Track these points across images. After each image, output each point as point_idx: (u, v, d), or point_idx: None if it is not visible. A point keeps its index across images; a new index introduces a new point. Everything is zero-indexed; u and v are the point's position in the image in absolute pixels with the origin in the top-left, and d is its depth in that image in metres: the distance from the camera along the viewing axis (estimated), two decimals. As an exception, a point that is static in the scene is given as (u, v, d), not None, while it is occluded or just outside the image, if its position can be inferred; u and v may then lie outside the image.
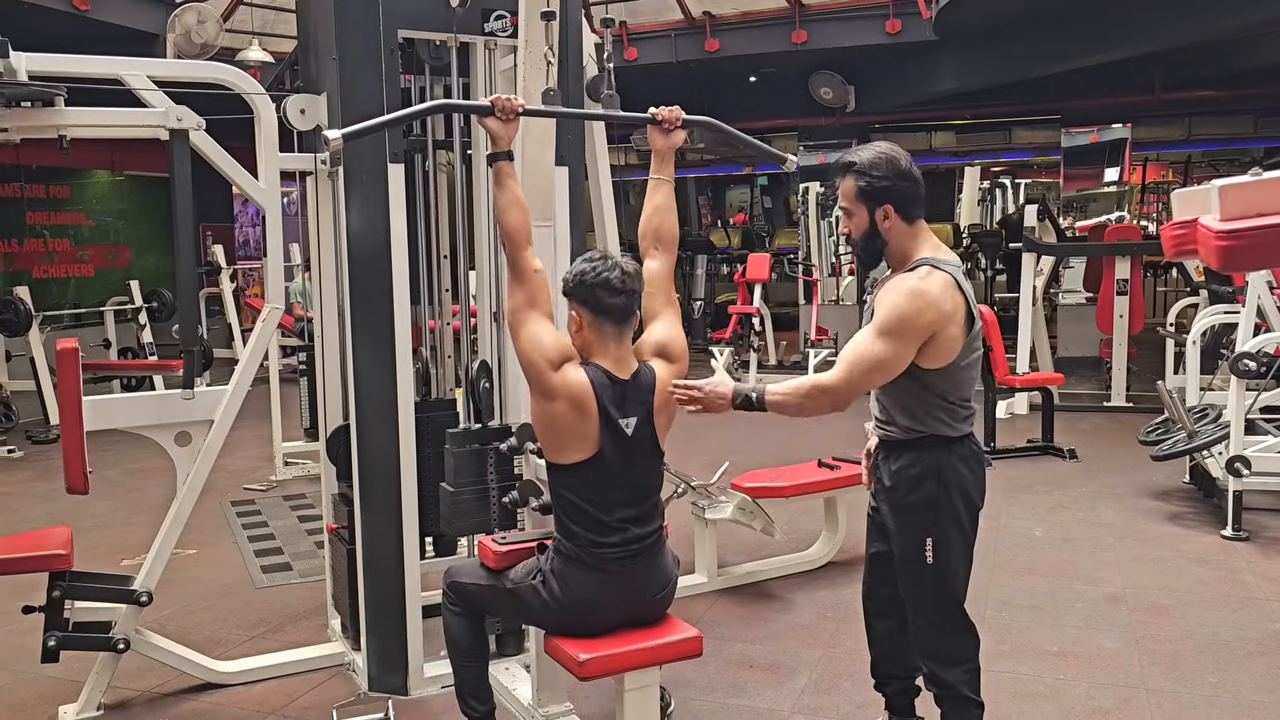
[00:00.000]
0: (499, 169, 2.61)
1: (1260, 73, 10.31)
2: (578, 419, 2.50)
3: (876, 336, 2.47)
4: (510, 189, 2.61)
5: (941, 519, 2.56)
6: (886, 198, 2.54)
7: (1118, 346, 8.49)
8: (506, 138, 2.61)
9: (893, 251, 2.59)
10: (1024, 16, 8.63)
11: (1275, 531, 5.13)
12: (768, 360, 10.93)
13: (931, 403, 2.54)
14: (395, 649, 3.51)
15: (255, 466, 6.94)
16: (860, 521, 5.09)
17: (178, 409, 3.43)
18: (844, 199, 2.61)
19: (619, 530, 2.57)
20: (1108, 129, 11.96)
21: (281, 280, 3.56)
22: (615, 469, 2.55)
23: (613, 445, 2.53)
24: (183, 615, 4.32)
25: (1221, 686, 3.44)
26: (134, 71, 3.31)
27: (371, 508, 3.49)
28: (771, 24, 10.06)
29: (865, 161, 2.55)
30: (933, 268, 2.50)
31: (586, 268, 2.55)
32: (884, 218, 2.55)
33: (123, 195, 13.16)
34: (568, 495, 2.58)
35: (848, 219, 2.62)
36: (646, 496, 2.64)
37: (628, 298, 2.55)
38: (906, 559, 2.63)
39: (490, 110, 2.59)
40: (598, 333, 2.56)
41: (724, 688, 3.52)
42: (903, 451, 2.60)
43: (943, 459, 2.55)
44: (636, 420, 2.55)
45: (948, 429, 2.56)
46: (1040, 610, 4.14)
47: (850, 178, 2.57)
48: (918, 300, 2.44)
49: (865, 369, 2.47)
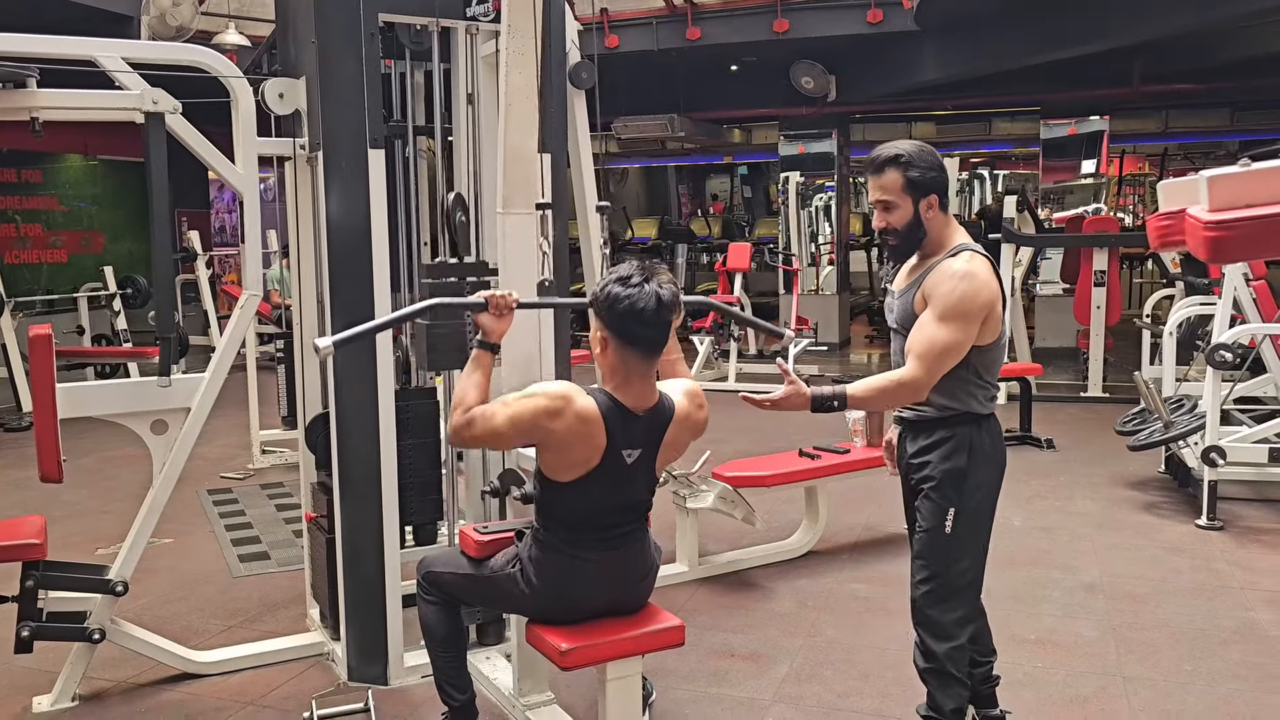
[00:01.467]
0: (478, 357, 2.52)
1: (1237, 66, 10.39)
2: (588, 449, 2.41)
3: (941, 323, 2.52)
4: (478, 380, 2.47)
5: (966, 492, 2.61)
6: (932, 188, 2.61)
7: (1094, 337, 8.55)
8: (498, 333, 2.55)
9: (930, 240, 2.65)
10: (1005, 8, 8.65)
11: (1249, 521, 5.18)
12: (747, 349, 10.94)
13: (970, 381, 2.60)
14: (375, 638, 3.49)
15: (232, 455, 6.89)
16: (840, 511, 5.16)
17: (154, 396, 3.39)
18: (886, 192, 2.62)
19: (602, 530, 2.55)
20: (1085, 121, 12.02)
21: (259, 267, 3.51)
22: (607, 493, 2.50)
23: (609, 472, 2.46)
24: (159, 605, 4.28)
25: (1197, 674, 3.48)
26: (108, 53, 3.25)
27: (351, 496, 3.46)
28: (753, 13, 10.03)
29: (911, 154, 2.60)
30: (973, 252, 2.59)
31: (619, 292, 2.35)
32: (928, 208, 2.61)
33: (96, 180, 12.99)
34: (553, 502, 2.54)
35: (887, 212, 2.64)
36: (636, 504, 2.61)
37: (660, 330, 2.39)
38: (928, 529, 2.66)
39: (484, 307, 2.54)
40: (622, 360, 2.42)
41: (705, 677, 3.52)
42: (936, 428, 2.65)
43: (974, 435, 2.62)
44: (640, 452, 2.48)
45: (980, 406, 2.63)
46: (1019, 599, 4.17)
47: (896, 170, 2.60)
48: (974, 282, 2.52)
49: (939, 355, 2.51)
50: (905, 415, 2.75)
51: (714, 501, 4.49)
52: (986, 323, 2.56)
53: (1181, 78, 10.85)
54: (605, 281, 2.42)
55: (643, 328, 2.37)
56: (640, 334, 2.38)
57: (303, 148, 3.54)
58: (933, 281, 2.57)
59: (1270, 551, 4.72)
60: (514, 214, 3.09)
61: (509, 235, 3.09)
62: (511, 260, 3.08)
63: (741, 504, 4.53)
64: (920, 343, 2.54)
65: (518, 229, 3.10)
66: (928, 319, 2.55)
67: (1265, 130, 13.91)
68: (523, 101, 3.03)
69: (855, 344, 12.72)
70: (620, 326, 2.38)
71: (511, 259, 3.09)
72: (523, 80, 3.02)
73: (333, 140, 3.32)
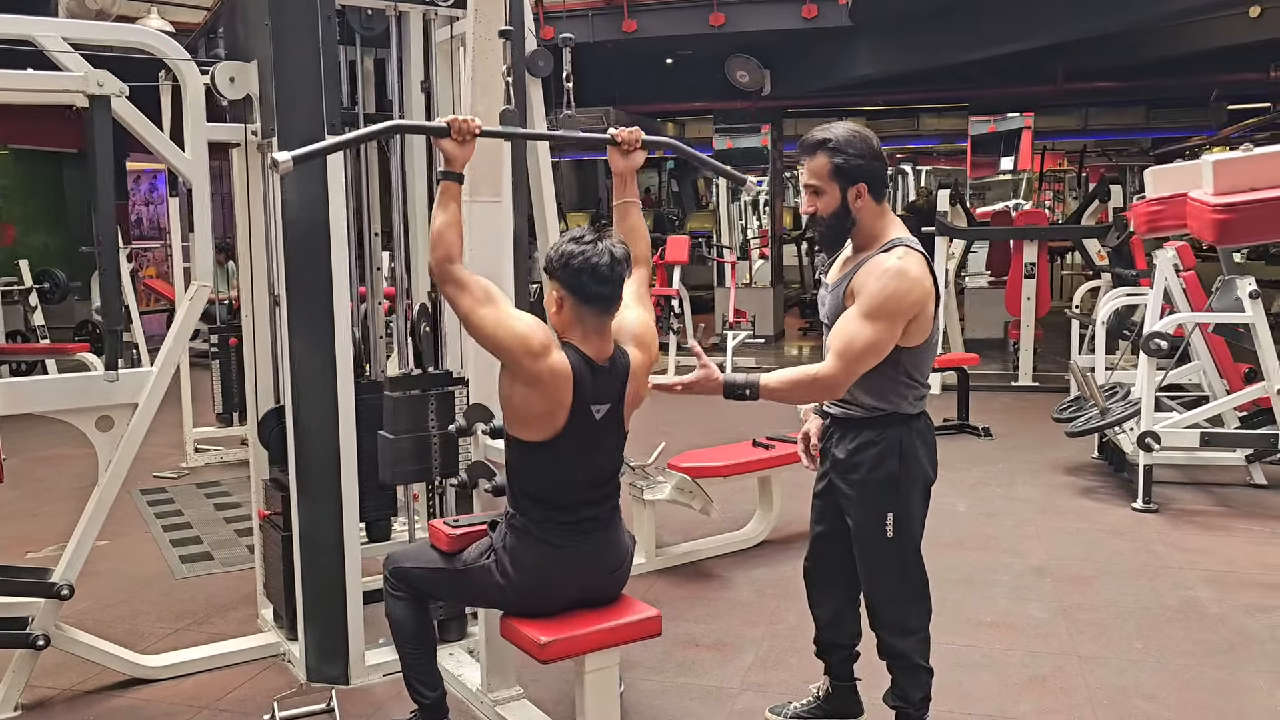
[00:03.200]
0: (447, 189, 2.49)
1: (1154, 65, 10.76)
2: (552, 403, 2.42)
3: (865, 320, 2.46)
4: (453, 210, 2.46)
5: (902, 493, 2.60)
6: (861, 176, 2.52)
7: (1025, 328, 8.76)
8: (461, 159, 2.51)
9: (860, 231, 2.58)
10: (938, 5, 8.82)
11: (1182, 503, 5.37)
12: (685, 342, 10.95)
13: (899, 381, 2.56)
14: (335, 637, 3.40)
15: (164, 453, 6.67)
16: (793, 500, 5.20)
17: (100, 392, 3.24)
18: (814, 176, 2.55)
19: (574, 509, 2.54)
20: (1004, 118, 12.33)
21: (210, 257, 3.39)
22: (578, 451, 2.50)
23: (579, 429, 2.47)
24: (100, 609, 4.12)
25: (1147, 652, 3.58)
26: (48, 32, 3.10)
27: (309, 492, 3.37)
28: (689, 6, 10.07)
29: (840, 139, 2.51)
30: (908, 248, 2.51)
31: (574, 249, 2.41)
32: (856, 197, 2.53)
33: (6, 170, 12.48)
34: (525, 471, 2.53)
35: (815, 197, 2.57)
36: (607, 479, 2.61)
37: (614, 286, 2.43)
38: (867, 535, 2.66)
39: (446, 131, 2.49)
40: (577, 316, 2.45)
41: (672, 667, 3.52)
42: (863, 428, 2.62)
43: (904, 435, 2.59)
44: (608, 407, 2.49)
45: (910, 406, 2.59)
46: (971, 583, 4.25)
47: (823, 155, 2.53)
48: (903, 280, 2.45)
49: (859, 354, 2.46)
50: (833, 412, 2.72)
51: (671, 492, 4.49)
52: (916, 322, 2.50)
53: (1103, 76, 11.19)
54: (558, 244, 2.47)
55: (598, 283, 2.40)
56: (595, 290, 2.41)
57: (254, 134, 3.43)
58: (862, 276, 2.51)
59: (1203, 532, 4.89)
60: (480, 202, 3.04)
61: (475, 225, 3.04)
62: (480, 254, 3.02)
63: (700, 494, 4.53)
64: (841, 339, 2.48)
65: (484, 217, 3.05)
66: (852, 315, 2.49)
67: (1178, 128, 14.46)
68: (490, 89, 2.98)
69: (790, 336, 12.84)
70: (576, 283, 2.41)
71: (478, 248, 3.03)
72: (490, 67, 2.97)
73: (287, 127, 3.22)
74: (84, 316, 10.66)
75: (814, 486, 2.86)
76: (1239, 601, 4.02)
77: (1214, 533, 4.88)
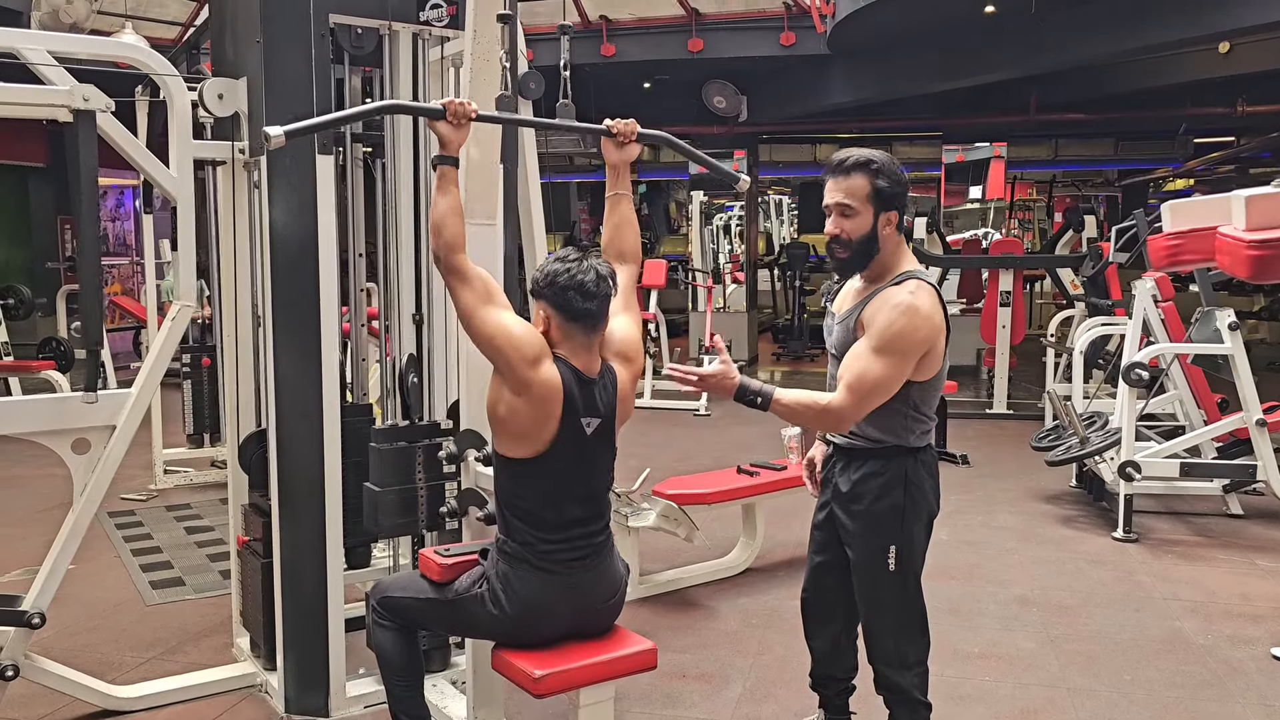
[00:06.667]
0: (444, 174, 2.46)
1: (1123, 97, 10.94)
2: (541, 416, 2.39)
3: (876, 355, 2.43)
4: (453, 195, 2.45)
5: (906, 526, 2.57)
6: (895, 204, 2.50)
7: (1000, 356, 8.82)
8: (456, 143, 2.47)
9: (879, 261, 2.54)
10: (915, 35, 8.91)
11: (1161, 533, 5.39)
12: (662, 366, 10.92)
13: (906, 414, 2.54)
14: (315, 668, 3.32)
15: (132, 475, 6.51)
16: (777, 528, 5.17)
17: (77, 413, 3.16)
18: (850, 196, 2.50)
19: (566, 529, 2.49)
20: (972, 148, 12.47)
21: (194, 276, 3.31)
22: (569, 468, 2.46)
23: (569, 445, 2.44)
24: (67, 636, 3.99)
25: (1136, 684, 3.57)
26: (33, 45, 3.04)
27: (292, 518, 3.29)
28: (668, 31, 10.12)
29: (883, 163, 2.49)
30: (920, 281, 2.49)
31: (559, 268, 2.42)
32: (886, 224, 2.51)
33: (-33, 184, 12.25)
34: (515, 490, 2.49)
35: (845, 218, 2.51)
36: (597, 497, 2.57)
37: (601, 302, 2.43)
38: (868, 566, 2.62)
39: (442, 114, 2.45)
40: (566, 336, 2.45)
41: (660, 698, 3.46)
42: (868, 459, 2.59)
43: (910, 467, 2.56)
44: (599, 422, 2.47)
45: (916, 439, 2.57)
46: (957, 613, 4.23)
47: (864, 176, 2.49)
48: (914, 316, 2.42)
49: (870, 390, 2.43)
50: (837, 441, 2.69)
51: (656, 519, 4.44)
52: (927, 358, 2.48)
53: (1074, 107, 11.36)
54: (544, 264, 2.48)
55: (585, 299, 2.40)
56: (582, 306, 2.41)
57: (242, 152, 3.37)
58: (873, 309, 2.48)
59: (1184, 562, 4.91)
60: (475, 224, 2.99)
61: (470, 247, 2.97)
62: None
63: (685, 521, 4.48)
64: (852, 373, 2.45)
65: (479, 240, 3.00)
66: (863, 348, 2.46)
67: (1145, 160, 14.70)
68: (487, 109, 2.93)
69: (763, 361, 12.85)
70: (563, 300, 2.41)
71: (472, 271, 2.98)
72: (487, 88, 2.93)
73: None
74: (48, 333, 10.44)
75: (814, 516, 2.83)
76: (1223, 633, 4.02)
77: (1194, 563, 4.90)
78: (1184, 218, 4.85)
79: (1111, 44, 8.04)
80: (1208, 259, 4.80)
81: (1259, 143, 12.59)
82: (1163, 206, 5.06)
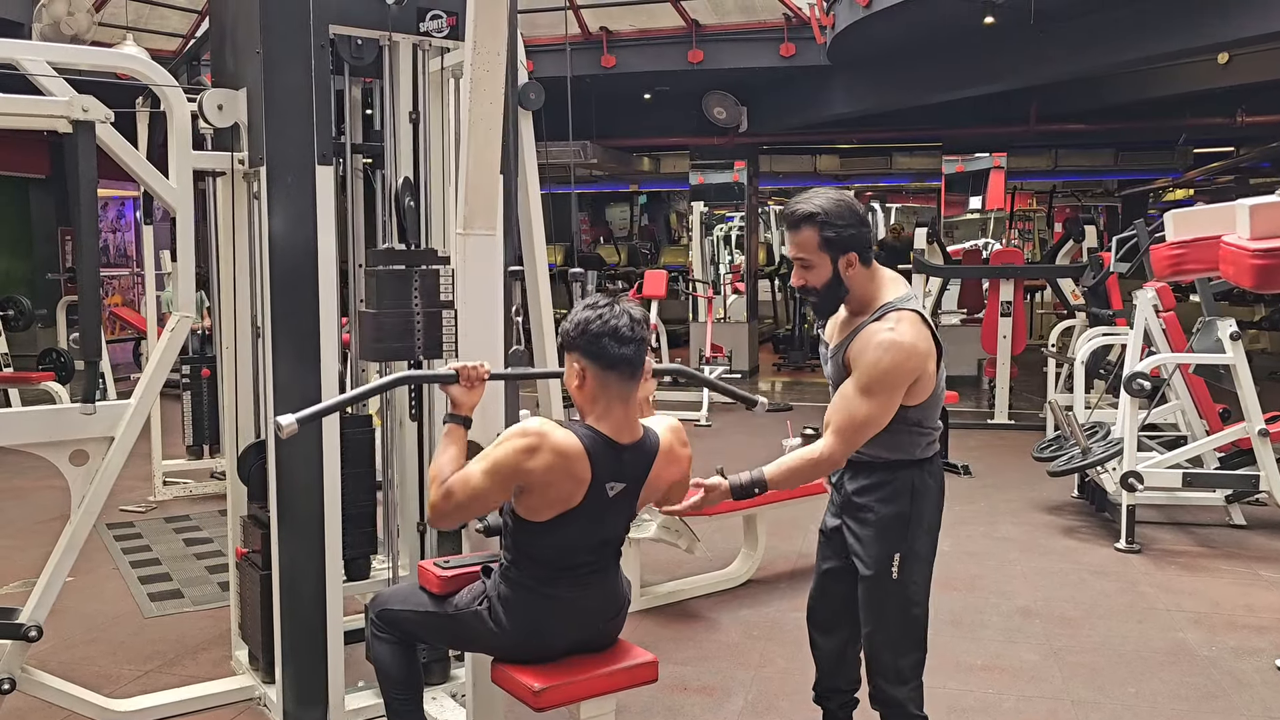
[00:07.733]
0: (452, 431, 2.44)
1: (1123, 108, 10.96)
2: (564, 484, 2.31)
3: (862, 396, 2.43)
4: (453, 455, 2.39)
5: (910, 535, 2.56)
6: (851, 245, 2.47)
7: (1001, 366, 8.80)
8: (469, 405, 2.46)
9: (854, 298, 2.53)
10: (915, 46, 8.92)
11: (1164, 544, 5.37)
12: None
13: (909, 432, 2.53)
14: (314, 681, 3.29)
15: (131, 486, 6.50)
16: (778, 539, 5.15)
17: (75, 425, 3.14)
18: (802, 250, 2.49)
19: (575, 570, 2.46)
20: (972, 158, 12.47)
21: (193, 287, 3.31)
22: (588, 524, 2.41)
23: (591, 506, 2.37)
24: (65, 649, 3.98)
25: (1140, 696, 3.55)
26: (33, 56, 3.03)
27: (291, 530, 3.27)
28: (668, 42, 10.14)
29: (827, 210, 2.46)
30: (899, 310, 2.46)
31: (590, 315, 2.30)
32: (847, 265, 2.48)
33: (-34, 195, 12.27)
34: (527, 541, 2.43)
35: (805, 271, 2.51)
36: (612, 544, 2.54)
37: (637, 346, 2.30)
38: (872, 575, 2.61)
39: (454, 378, 2.45)
40: (602, 388, 2.33)
41: (661, 711, 3.44)
42: (874, 470, 2.58)
43: (915, 477, 2.56)
44: (623, 486, 2.39)
45: (921, 451, 2.57)
46: (959, 625, 4.21)
47: (810, 229, 2.47)
48: (896, 352, 2.40)
49: (858, 429, 2.44)
50: None
51: (657, 531, 4.42)
52: (917, 384, 2.46)
53: (1074, 118, 11.38)
54: (572, 315, 2.36)
55: (620, 345, 2.29)
56: (618, 353, 2.30)
57: (241, 163, 3.36)
58: (858, 348, 2.47)
59: (1187, 573, 4.89)
60: (475, 235, 2.98)
61: (469, 258, 2.97)
62: (473, 287, 2.95)
63: (686, 533, 4.47)
64: (840, 415, 2.46)
65: (479, 251, 2.98)
66: (850, 389, 2.46)
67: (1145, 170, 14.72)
68: (488, 120, 2.93)
69: (764, 371, 12.84)
70: (597, 349, 2.30)
71: (473, 284, 2.96)
72: (489, 98, 2.92)
73: (278, 156, 3.15)
74: (48, 344, 10.44)
75: (822, 523, 2.82)
76: (1227, 644, 4.00)
77: (1197, 574, 4.88)
78: (1187, 227, 4.83)
79: (1111, 55, 8.06)
80: (1211, 268, 4.78)
81: (1259, 153, 12.60)
82: (1166, 216, 5.03)
